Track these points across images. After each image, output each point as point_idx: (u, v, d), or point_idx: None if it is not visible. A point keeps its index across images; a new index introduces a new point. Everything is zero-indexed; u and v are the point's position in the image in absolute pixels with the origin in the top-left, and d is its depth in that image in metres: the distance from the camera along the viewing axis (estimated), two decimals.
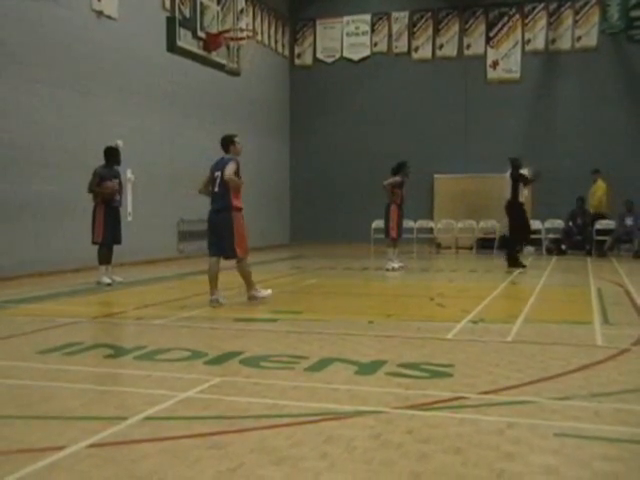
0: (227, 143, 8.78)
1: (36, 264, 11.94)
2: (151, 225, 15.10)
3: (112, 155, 11.05)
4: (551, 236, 18.67)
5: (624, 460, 3.34)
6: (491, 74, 20.99)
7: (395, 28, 21.85)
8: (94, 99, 13.52)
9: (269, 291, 8.91)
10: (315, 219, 22.13)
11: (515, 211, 13.59)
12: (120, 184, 11.09)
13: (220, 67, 17.61)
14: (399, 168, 13.40)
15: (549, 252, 18.22)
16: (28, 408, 4.22)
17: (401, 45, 21.81)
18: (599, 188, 18.11)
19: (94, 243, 10.85)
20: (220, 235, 8.42)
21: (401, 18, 21.79)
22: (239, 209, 8.51)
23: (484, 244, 19.11)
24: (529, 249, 18.55)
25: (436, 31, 21.49)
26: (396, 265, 13.20)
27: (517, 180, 13.53)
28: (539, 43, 20.62)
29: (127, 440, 3.63)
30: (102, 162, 10.96)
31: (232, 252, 8.43)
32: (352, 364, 5.29)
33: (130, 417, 3.97)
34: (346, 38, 22.35)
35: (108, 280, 10.75)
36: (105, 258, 10.89)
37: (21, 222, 11.74)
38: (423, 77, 21.39)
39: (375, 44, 22.07)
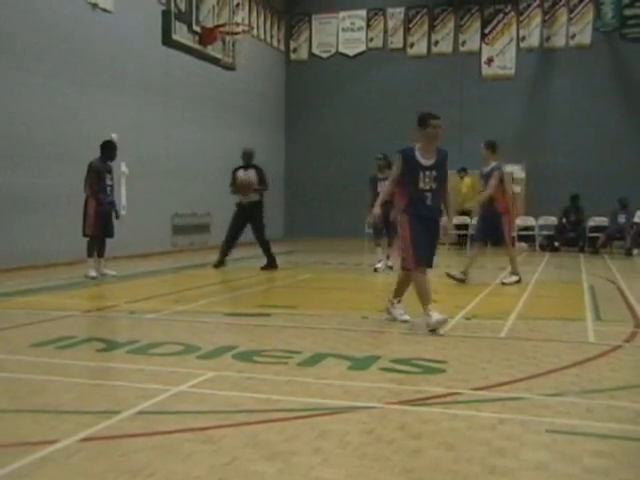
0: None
1: (30, 257, 11.91)
2: (145, 219, 15.07)
3: (110, 149, 11.03)
4: (544, 233, 18.72)
5: (615, 456, 3.36)
6: (486, 71, 21.00)
7: (391, 24, 21.83)
8: (89, 92, 13.47)
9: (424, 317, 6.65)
10: (309, 213, 22.13)
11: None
12: (112, 180, 11.12)
13: (215, 61, 17.57)
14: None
15: (542, 248, 18.27)
16: (20, 401, 4.22)
17: (396, 41, 21.80)
18: (464, 185, 19.06)
19: (85, 235, 10.85)
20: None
21: (397, 14, 21.77)
22: (405, 210, 6.74)
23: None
24: (522, 245, 18.61)
25: (431, 27, 21.48)
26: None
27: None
28: (534, 40, 20.65)
29: (120, 434, 3.63)
30: (96, 155, 10.94)
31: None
32: (345, 359, 5.30)
33: (123, 411, 3.97)
34: (342, 33, 22.32)
35: (94, 273, 10.75)
36: (97, 251, 10.90)
37: (14, 214, 11.70)
38: (418, 73, 21.38)
39: (370, 40, 22.06)
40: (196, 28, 16.60)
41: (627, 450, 3.49)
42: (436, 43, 21.45)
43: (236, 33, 17.88)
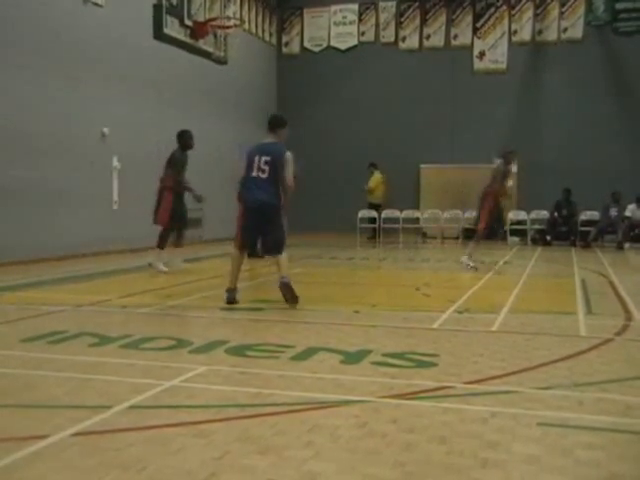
0: None
1: (21, 251, 11.85)
2: (137, 213, 14.99)
3: (188, 138, 10.92)
4: (536, 227, 18.75)
5: (606, 448, 3.37)
6: (478, 65, 21.01)
7: (382, 18, 21.81)
8: (80, 86, 13.40)
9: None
10: (301, 208, 22.08)
11: None
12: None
13: (207, 55, 17.56)
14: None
15: (534, 242, 18.31)
16: (11, 397, 4.20)
17: (388, 35, 21.78)
18: (375, 179, 19.67)
19: (165, 227, 10.85)
20: None
21: (388, 8, 21.74)
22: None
23: (470, 234, 19.14)
24: (514, 239, 18.65)
25: (423, 21, 21.46)
26: (471, 264, 11.64)
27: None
28: (525, 34, 20.66)
29: (111, 429, 3.62)
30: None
31: None
32: (338, 353, 5.30)
33: (115, 405, 3.96)
34: (333, 27, 22.28)
35: (164, 268, 10.71)
36: (164, 243, 10.89)
37: (6, 208, 11.63)
38: (410, 67, 21.36)
39: (362, 33, 22.02)
40: (187, 22, 16.59)
41: (618, 442, 3.50)
42: (428, 37, 21.43)
43: (227, 27, 17.87)
